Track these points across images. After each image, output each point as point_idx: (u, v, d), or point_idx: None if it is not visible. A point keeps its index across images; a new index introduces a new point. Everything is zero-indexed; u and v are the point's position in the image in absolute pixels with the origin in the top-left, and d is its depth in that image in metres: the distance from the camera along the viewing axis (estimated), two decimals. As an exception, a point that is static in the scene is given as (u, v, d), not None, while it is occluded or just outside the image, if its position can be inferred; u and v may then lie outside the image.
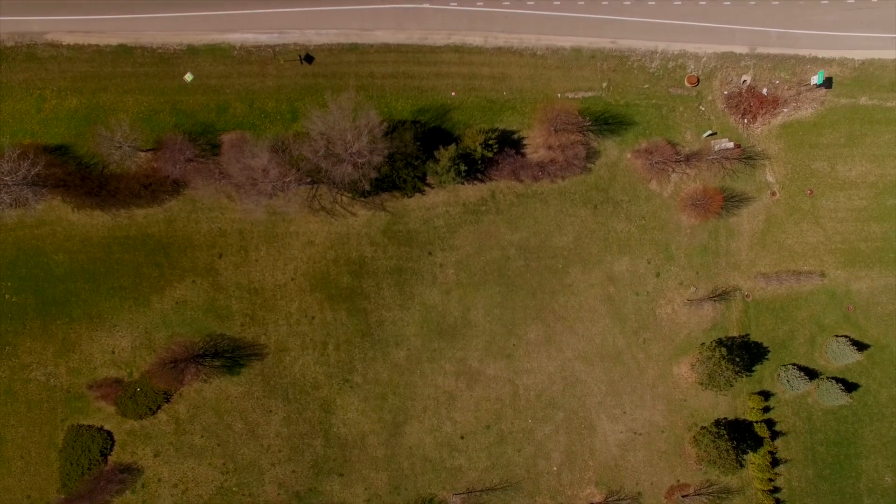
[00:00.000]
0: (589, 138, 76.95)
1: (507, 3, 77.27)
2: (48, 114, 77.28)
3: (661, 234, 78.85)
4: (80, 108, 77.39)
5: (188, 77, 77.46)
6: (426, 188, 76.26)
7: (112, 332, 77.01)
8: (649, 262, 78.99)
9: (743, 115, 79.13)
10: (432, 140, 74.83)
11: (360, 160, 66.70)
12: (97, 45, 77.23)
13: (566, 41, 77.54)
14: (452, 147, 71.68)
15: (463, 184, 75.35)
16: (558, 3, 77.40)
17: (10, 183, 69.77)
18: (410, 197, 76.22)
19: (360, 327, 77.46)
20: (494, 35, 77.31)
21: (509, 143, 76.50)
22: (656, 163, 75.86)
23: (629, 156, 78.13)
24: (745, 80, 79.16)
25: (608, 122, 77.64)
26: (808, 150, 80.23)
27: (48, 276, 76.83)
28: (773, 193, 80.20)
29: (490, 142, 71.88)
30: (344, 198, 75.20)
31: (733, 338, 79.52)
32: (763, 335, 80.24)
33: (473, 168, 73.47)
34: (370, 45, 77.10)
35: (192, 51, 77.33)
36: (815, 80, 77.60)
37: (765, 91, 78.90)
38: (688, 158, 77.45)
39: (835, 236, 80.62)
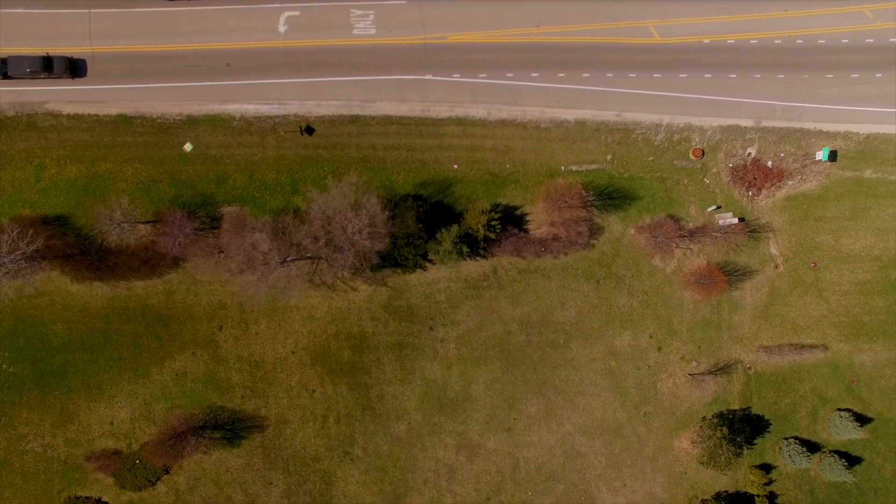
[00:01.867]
0: (592, 214, 76.47)
1: (511, 75, 76.62)
2: (47, 183, 76.63)
3: (663, 308, 78.46)
4: (80, 177, 76.73)
5: (188, 147, 76.83)
6: (428, 264, 75.72)
7: (111, 403, 76.61)
8: (651, 337, 78.65)
9: (747, 188, 78.66)
10: (434, 215, 74.30)
11: (361, 249, 66.18)
12: (97, 115, 76.54)
13: (570, 114, 76.92)
14: (455, 228, 71.17)
15: (465, 260, 74.79)
16: (563, 75, 76.74)
17: (8, 261, 69.20)
18: (412, 273, 75.69)
19: (360, 401, 77.14)
20: (498, 107, 76.67)
21: (512, 219, 75.97)
22: (660, 239, 75.35)
23: (633, 231, 77.65)
24: (749, 153, 78.66)
25: (612, 197, 77.13)
26: (813, 223, 79.80)
27: (46, 347, 76.31)
28: (777, 266, 79.82)
29: (493, 223, 71.40)
30: (345, 273, 74.66)
31: (734, 411, 79.32)
32: (765, 408, 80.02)
33: (476, 248, 72.94)
34: (372, 117, 76.47)
35: (192, 121, 76.65)
36: (820, 155, 77.18)
37: (770, 164, 78.46)
38: (692, 234, 77.00)
39: (838, 309, 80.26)
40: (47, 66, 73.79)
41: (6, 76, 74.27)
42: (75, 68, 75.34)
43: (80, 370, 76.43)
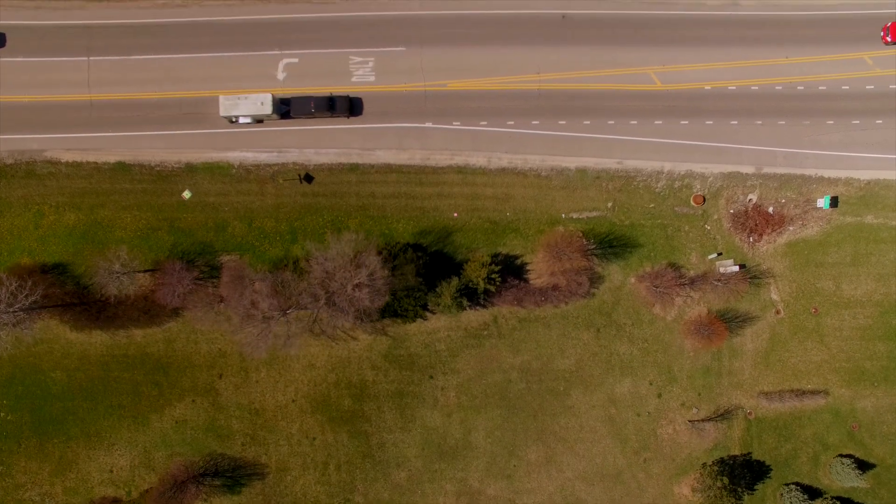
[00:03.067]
0: (593, 263, 76.17)
1: (512, 122, 76.30)
2: (46, 230, 76.47)
3: (663, 356, 78.25)
4: (79, 224, 76.58)
5: (186, 194, 76.59)
6: (428, 314, 75.47)
7: (110, 451, 76.52)
8: (651, 384, 78.46)
9: (748, 234, 78.39)
10: (435, 266, 74.05)
11: (361, 307, 65.99)
12: (95, 163, 76.45)
13: (571, 162, 76.60)
14: (455, 281, 70.95)
15: (465, 310, 74.50)
16: (563, 122, 76.42)
17: (6, 315, 69.00)
18: (412, 322, 75.44)
19: (361, 448, 76.99)
20: (498, 156, 76.38)
21: (512, 269, 75.75)
22: (660, 288, 75.09)
23: (633, 280, 77.40)
24: (751, 199, 78.39)
25: (613, 245, 76.85)
26: (814, 269, 79.52)
27: (45, 394, 76.22)
28: (778, 312, 79.58)
29: (493, 276, 71.14)
30: (345, 323, 74.32)
31: (735, 456, 79.08)
32: (765, 453, 79.83)
33: (476, 299, 72.75)
34: (371, 165, 76.20)
35: (191, 169, 76.42)
36: (822, 203, 76.92)
37: (771, 209, 78.18)
38: (692, 282, 76.75)
39: (839, 355, 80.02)
40: (331, 106, 73.56)
41: (288, 116, 74.18)
42: (353, 108, 75.24)
43: (79, 418, 76.28)
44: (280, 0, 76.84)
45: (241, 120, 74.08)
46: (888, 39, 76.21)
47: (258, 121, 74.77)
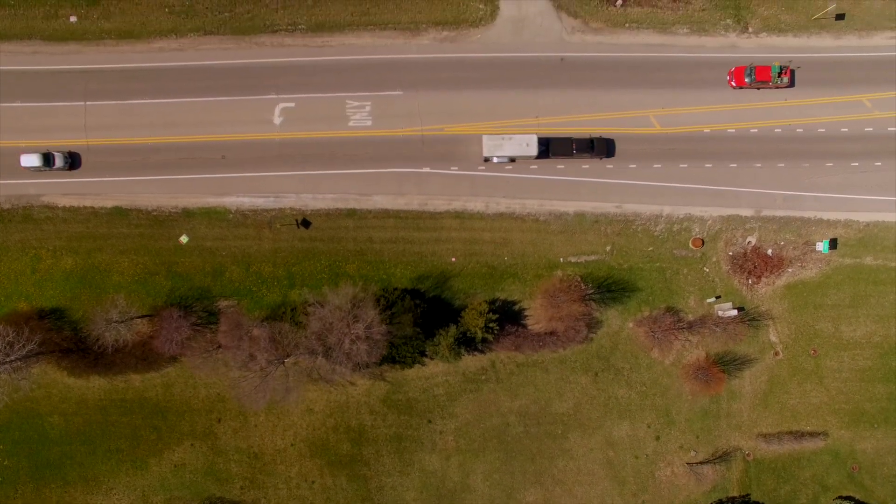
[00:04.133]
0: (591, 308, 75.99)
1: (510, 167, 75.94)
2: (43, 275, 76.30)
3: (661, 399, 78.16)
4: (76, 268, 76.40)
5: (184, 239, 76.38)
6: (426, 360, 75.36)
7: (108, 496, 76.56)
8: (649, 427, 78.39)
9: (747, 276, 78.21)
10: (432, 313, 73.87)
11: (359, 360, 65.95)
12: (92, 207, 76.24)
13: (569, 206, 76.39)
14: (453, 329, 70.80)
15: (463, 357, 74.37)
16: (562, 166, 76.11)
17: (3, 363, 68.94)
18: (410, 368, 75.34)
19: (359, 492, 76.99)
20: (496, 200, 76.14)
21: (510, 314, 75.61)
22: (658, 333, 74.93)
23: (631, 325, 77.24)
24: (749, 242, 78.17)
25: (611, 290, 76.66)
26: (813, 311, 79.33)
27: (42, 439, 76.18)
28: (777, 353, 79.46)
29: (490, 324, 70.93)
30: (343, 371, 74.25)
31: (733, 498, 79.11)
32: (764, 495, 79.78)
33: (474, 346, 72.66)
34: (368, 211, 75.99)
35: (188, 213, 76.22)
36: (821, 247, 76.64)
37: (770, 251, 78.00)
38: (690, 325, 76.59)
39: (839, 396, 79.91)
40: (591, 147, 73.66)
41: (546, 156, 73.85)
42: (609, 149, 75.14)
43: (77, 462, 76.26)
44: (275, 44, 76.44)
45: (497, 160, 73.64)
46: (733, 84, 75.73)
47: (511, 160, 74.22)
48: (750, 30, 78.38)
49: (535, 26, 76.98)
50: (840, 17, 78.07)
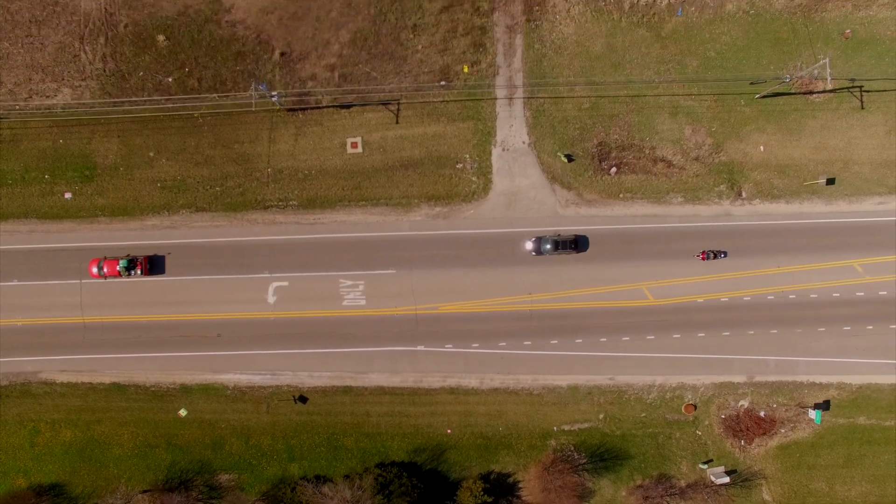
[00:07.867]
0: (584, 479, 76.85)
1: (504, 343, 76.45)
2: (42, 448, 77.47)
3: (657, 566, 79.31)
4: (75, 441, 77.53)
5: (182, 412, 77.34)
6: (423, 535, 76.64)
7: None
8: (645, 590, 79.62)
9: (740, 438, 78.91)
10: (428, 490, 74.88)
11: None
12: (90, 383, 77.21)
13: (563, 380, 76.99)
14: (447, 514, 72.04)
15: (459, 533, 75.67)
16: (555, 342, 76.55)
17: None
18: (408, 541, 76.60)
19: None
20: (490, 376, 76.74)
21: (504, 488, 76.66)
22: (651, 501, 75.92)
23: (624, 494, 78.16)
24: (742, 405, 78.77)
25: (603, 458, 77.49)
26: (806, 471, 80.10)
27: None
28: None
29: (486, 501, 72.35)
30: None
31: None
32: None
33: (470, 526, 74.04)
34: (364, 388, 76.72)
35: (186, 389, 77.07)
36: (813, 417, 77.16)
37: (762, 413, 78.60)
38: (682, 492, 77.50)
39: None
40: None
41: None
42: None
43: None
44: (267, 221, 76.57)
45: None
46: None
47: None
48: (743, 195, 78.16)
49: (528, 199, 76.88)
50: (831, 181, 77.84)
